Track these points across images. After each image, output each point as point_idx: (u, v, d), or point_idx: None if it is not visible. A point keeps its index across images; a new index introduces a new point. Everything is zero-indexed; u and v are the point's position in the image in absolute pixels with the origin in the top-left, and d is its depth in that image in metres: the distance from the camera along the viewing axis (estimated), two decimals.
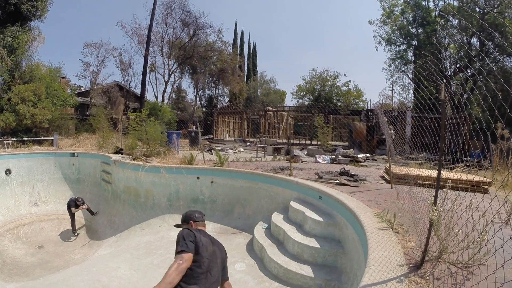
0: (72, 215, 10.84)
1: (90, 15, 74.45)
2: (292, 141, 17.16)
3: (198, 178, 9.47)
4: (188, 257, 2.54)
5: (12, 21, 20.10)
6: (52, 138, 16.41)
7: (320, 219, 5.47)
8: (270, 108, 26.50)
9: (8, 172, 12.64)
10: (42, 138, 16.94)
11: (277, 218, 6.45)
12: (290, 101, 46.79)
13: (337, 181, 7.07)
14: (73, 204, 10.78)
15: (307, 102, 34.07)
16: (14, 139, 15.92)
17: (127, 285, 5.94)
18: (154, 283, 5.55)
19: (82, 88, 27.62)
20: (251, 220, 7.65)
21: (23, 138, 16.38)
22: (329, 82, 34.05)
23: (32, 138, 16.60)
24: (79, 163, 13.68)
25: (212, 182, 9.24)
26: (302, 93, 34.81)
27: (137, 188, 10.59)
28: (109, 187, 12.04)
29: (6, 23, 19.89)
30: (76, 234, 10.87)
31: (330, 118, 22.43)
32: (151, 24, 25.67)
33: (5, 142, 15.26)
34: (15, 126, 16.19)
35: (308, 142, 19.10)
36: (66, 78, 25.61)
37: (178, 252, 2.58)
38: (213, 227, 8.31)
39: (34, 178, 13.23)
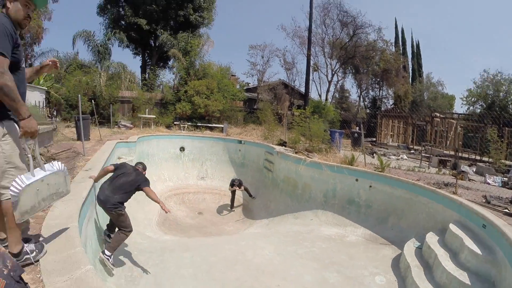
0: (232, 192, 12.71)
1: (253, 21, 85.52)
2: (460, 154, 15.68)
3: (357, 180, 9.82)
4: None
5: (183, 29, 24.73)
6: (223, 126, 19.33)
7: (479, 251, 5.27)
8: (438, 114, 24.45)
9: (182, 149, 16.08)
10: (214, 125, 20.71)
11: (432, 239, 6.46)
12: (459, 107, 41.94)
13: (507, 210, 6.50)
14: (232, 183, 12.45)
15: (478, 110, 30.10)
16: (189, 123, 19.73)
17: (268, 265, 6.88)
18: (294, 271, 6.21)
19: (249, 84, 31.85)
20: (404, 234, 7.73)
21: (197, 124, 20.44)
22: (504, 87, 29.44)
23: (205, 124, 20.58)
24: (244, 150, 15.61)
25: (370, 186, 9.48)
26: (473, 99, 30.89)
27: (296, 180, 11.71)
28: (270, 174, 13.32)
29: (179, 30, 24.45)
30: (232, 210, 12.69)
31: (505, 131, 19.54)
32: (310, 25, 27.05)
33: (181, 125, 18.87)
34: (191, 113, 20.12)
35: (478, 157, 17.14)
36: (235, 75, 30.00)
37: None
38: (363, 232, 8.70)
39: (204, 157, 16.25)
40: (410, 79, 38.91)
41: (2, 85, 2.23)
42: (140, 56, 31.63)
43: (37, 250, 2.62)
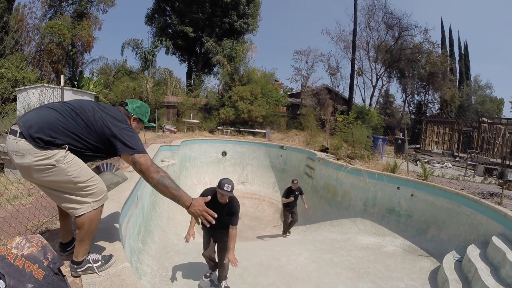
0: (286, 208, 10.00)
1: (297, 26, 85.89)
2: (508, 162, 14.82)
3: (398, 188, 9.62)
4: None
5: (228, 36, 25.36)
6: (265, 131, 19.67)
7: None
8: (485, 120, 23.20)
9: (224, 153, 16.48)
10: (256, 130, 21.12)
11: (473, 252, 6.19)
12: (508, 112, 39.47)
13: None
14: (289, 192, 9.87)
15: None
16: (232, 128, 19.98)
17: (302, 272, 6.88)
18: (327, 279, 6.12)
19: (293, 90, 32.13)
20: (444, 246, 7.47)
21: (240, 129, 20.94)
22: None
23: (248, 130, 21.02)
24: (286, 155, 15.66)
25: (412, 195, 9.24)
26: None
27: (336, 187, 11.67)
28: (310, 181, 13.31)
29: (224, 37, 25.09)
30: (288, 233, 10.43)
31: None
32: (354, 29, 27.18)
33: (224, 130, 19.36)
34: (234, 118, 20.46)
35: None
36: (278, 81, 30.28)
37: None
38: (402, 243, 8.48)
39: (245, 162, 16.53)
40: (457, 82, 37.45)
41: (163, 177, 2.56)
42: (186, 62, 32.69)
43: (103, 261, 2.63)
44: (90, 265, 2.55)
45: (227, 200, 4.86)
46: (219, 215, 4.19)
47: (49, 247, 2.04)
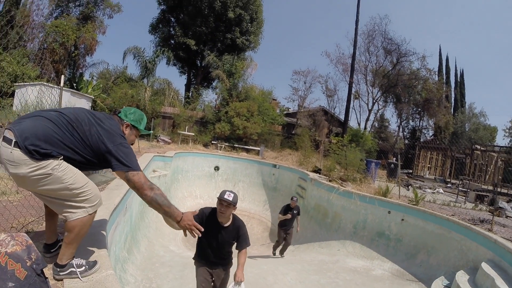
0: (282, 227, 9.54)
1: (298, 46, 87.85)
2: (499, 189, 14.91)
3: (389, 212, 9.60)
4: None
5: (229, 51, 25.94)
6: (259, 148, 19.62)
7: None
8: (478, 147, 23.47)
9: (216, 168, 16.37)
10: (250, 147, 21.16)
11: (461, 278, 6.16)
12: (501, 139, 40.09)
13: None
14: (287, 209, 9.53)
15: None
16: (226, 144, 19.99)
17: None
18: None
19: (290, 109, 32.78)
20: (433, 272, 7.43)
21: (234, 145, 20.98)
22: None
23: (242, 146, 21.06)
24: (278, 174, 15.64)
25: (402, 219, 9.23)
26: None
27: (327, 208, 11.63)
28: (301, 201, 13.33)
29: (225, 52, 25.62)
30: (283, 255, 9.88)
31: None
32: (354, 53, 27.58)
33: (218, 145, 19.39)
34: (229, 134, 20.59)
35: None
36: (276, 100, 30.71)
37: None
38: (390, 267, 8.43)
39: (237, 178, 16.44)
40: (452, 109, 38.20)
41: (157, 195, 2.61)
42: (186, 74, 32.98)
43: (87, 266, 2.58)
44: (74, 269, 2.51)
45: (230, 220, 3.86)
46: (219, 241, 3.84)
47: (33, 247, 2.02)
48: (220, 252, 3.93)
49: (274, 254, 9.94)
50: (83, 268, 2.55)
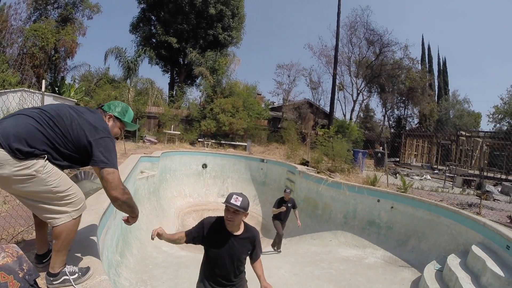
0: (277, 218, 9.51)
1: (281, 40, 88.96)
2: (485, 173, 15.19)
3: (378, 200, 9.71)
4: None
5: (212, 48, 25.77)
6: (246, 144, 19.52)
7: (502, 274, 5.05)
8: (463, 133, 23.85)
9: (204, 166, 16.28)
10: (237, 143, 21.10)
11: (453, 262, 6.23)
12: (485, 125, 40.86)
13: None
14: (281, 202, 9.53)
15: (505, 127, 29.07)
16: (213, 141, 20.17)
17: (283, 285, 6.75)
18: None
19: (275, 103, 32.64)
20: (424, 257, 7.52)
21: (221, 141, 20.88)
22: None
23: (229, 142, 20.99)
24: (267, 168, 15.62)
25: (392, 207, 9.33)
26: (499, 116, 29.83)
27: (316, 200, 11.65)
28: (291, 194, 13.06)
29: (207, 49, 25.49)
30: (279, 250, 9.71)
31: None
32: (336, 45, 27.86)
33: (205, 142, 19.34)
34: (215, 131, 20.60)
35: (504, 176, 16.54)
36: (260, 94, 30.79)
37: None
38: (383, 254, 8.51)
39: (225, 175, 16.34)
40: (436, 97, 38.83)
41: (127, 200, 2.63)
42: (169, 73, 32.57)
43: (80, 273, 2.54)
44: (67, 277, 2.45)
45: (241, 228, 3.24)
46: (231, 252, 3.15)
47: (24, 258, 2.02)
48: (234, 270, 3.23)
49: (275, 249, 9.60)
50: (76, 275, 2.50)
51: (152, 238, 3.37)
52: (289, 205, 9.40)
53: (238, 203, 2.95)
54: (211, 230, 3.18)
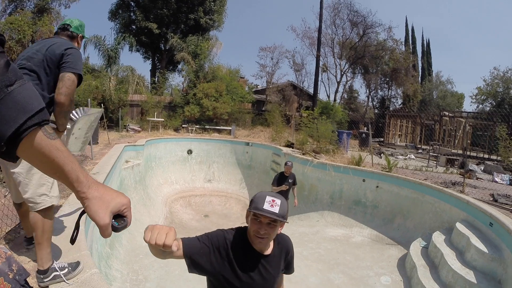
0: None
1: (263, 23, 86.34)
2: (468, 153, 15.44)
3: (363, 180, 9.78)
4: None
5: (193, 32, 25.24)
6: (230, 128, 19.44)
7: (485, 250, 5.16)
8: (446, 113, 24.14)
9: (189, 152, 16.01)
10: (222, 127, 20.84)
11: (438, 239, 6.34)
12: (468, 105, 41.54)
13: None
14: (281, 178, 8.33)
15: (488, 108, 29.61)
16: (197, 126, 19.83)
17: None
18: (298, 272, 6.00)
19: (258, 86, 31.96)
20: (410, 234, 7.63)
21: (205, 126, 20.57)
22: None
23: (213, 127, 20.71)
24: (252, 152, 15.55)
25: (377, 186, 9.43)
26: (482, 97, 30.36)
27: (302, 181, 11.57)
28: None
29: (189, 34, 24.95)
30: None
31: None
32: (320, 26, 27.33)
33: (189, 128, 19.13)
34: (199, 116, 20.46)
35: (486, 156, 16.88)
36: (244, 78, 30.25)
37: None
38: (369, 233, 8.63)
39: (211, 160, 16.14)
40: (420, 78, 39.04)
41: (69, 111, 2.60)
42: (150, 59, 31.91)
43: (69, 268, 2.49)
44: (57, 273, 2.42)
45: (272, 243, 2.05)
46: (261, 280, 1.93)
47: (13, 259, 1.94)
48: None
49: None
50: (66, 270, 2.47)
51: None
52: (290, 181, 8.17)
53: (276, 209, 1.74)
54: (235, 250, 1.90)
